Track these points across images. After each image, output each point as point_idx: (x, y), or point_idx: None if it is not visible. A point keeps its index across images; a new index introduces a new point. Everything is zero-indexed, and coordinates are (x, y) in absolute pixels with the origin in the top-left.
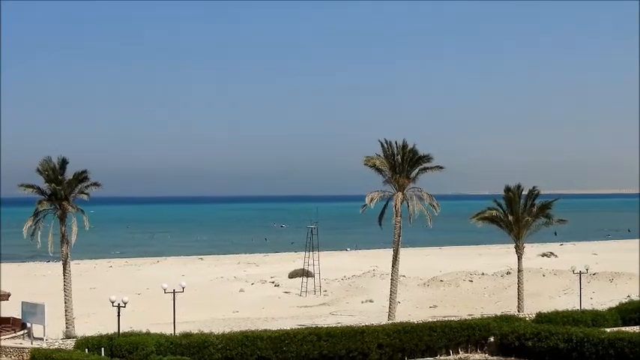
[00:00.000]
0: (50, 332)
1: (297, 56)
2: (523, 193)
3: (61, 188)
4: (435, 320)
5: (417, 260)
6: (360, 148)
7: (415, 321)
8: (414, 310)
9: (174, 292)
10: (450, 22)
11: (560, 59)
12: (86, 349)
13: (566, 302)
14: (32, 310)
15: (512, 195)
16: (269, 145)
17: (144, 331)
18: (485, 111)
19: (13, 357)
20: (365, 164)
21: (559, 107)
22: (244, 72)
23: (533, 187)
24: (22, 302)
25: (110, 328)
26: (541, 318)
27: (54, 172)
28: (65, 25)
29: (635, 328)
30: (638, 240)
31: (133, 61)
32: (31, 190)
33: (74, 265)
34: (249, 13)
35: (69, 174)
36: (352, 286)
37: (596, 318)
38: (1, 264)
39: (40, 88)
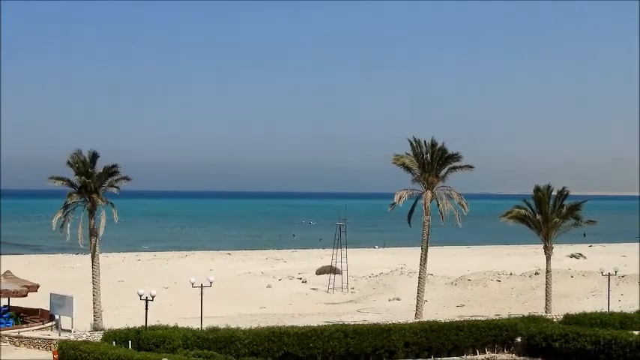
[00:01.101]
0: (78, 324)
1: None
2: (552, 193)
3: (91, 181)
4: (462, 319)
5: (445, 259)
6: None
7: (442, 320)
8: (441, 309)
9: (201, 286)
10: (476, 21)
11: (595, 59)
12: (113, 342)
13: (594, 304)
14: (60, 301)
15: (541, 195)
16: (300, 142)
17: (171, 324)
18: (515, 110)
19: (41, 348)
20: (394, 163)
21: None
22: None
23: (563, 188)
24: (51, 294)
25: (137, 322)
26: (569, 319)
27: (84, 165)
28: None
29: None
30: None
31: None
32: (61, 182)
33: (103, 258)
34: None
35: (99, 167)
36: (379, 284)
37: (624, 320)
38: (27, 255)
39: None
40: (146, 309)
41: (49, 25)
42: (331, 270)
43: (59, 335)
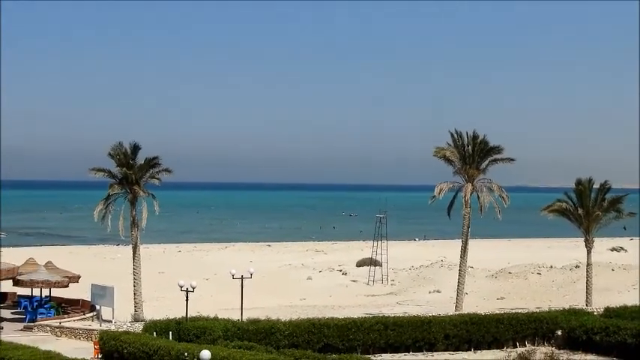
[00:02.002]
0: (119, 315)
1: (369, 40)
2: (594, 186)
3: (132, 173)
4: (502, 312)
5: (485, 252)
6: (431, 137)
7: (482, 312)
8: (481, 302)
9: (242, 278)
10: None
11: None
12: (154, 333)
13: (635, 297)
14: (101, 292)
15: (582, 188)
16: (344, 135)
17: (211, 316)
18: (557, 103)
19: (82, 338)
20: (435, 155)
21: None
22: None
23: (605, 181)
24: (92, 284)
25: (178, 313)
26: (609, 313)
27: (125, 156)
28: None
29: None
30: None
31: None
32: (103, 174)
33: (143, 249)
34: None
35: (140, 159)
36: (420, 276)
37: None
38: (68, 246)
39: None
40: (187, 300)
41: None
42: (371, 262)
43: (100, 326)
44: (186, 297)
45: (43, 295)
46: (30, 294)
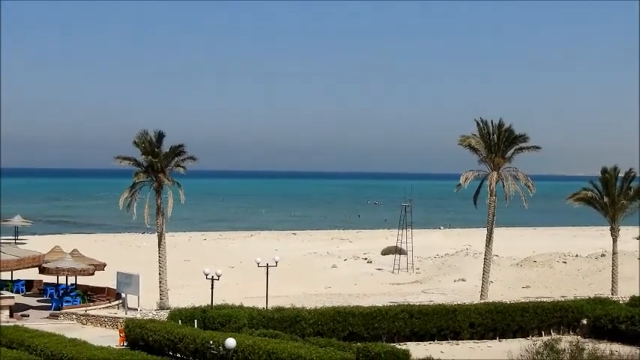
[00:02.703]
0: (144, 303)
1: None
2: (619, 175)
3: (157, 161)
4: (527, 301)
5: (510, 240)
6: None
7: (508, 301)
8: (506, 291)
9: (267, 266)
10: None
11: None
12: (179, 321)
13: None
14: (127, 280)
15: (608, 177)
16: (368, 120)
17: (237, 304)
18: (582, 91)
19: (107, 326)
20: (460, 144)
21: None
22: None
23: (630, 169)
24: (117, 272)
25: (203, 301)
26: (635, 301)
27: (150, 144)
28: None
29: None
30: None
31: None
32: (128, 162)
33: (169, 237)
34: None
35: (165, 147)
36: (445, 265)
37: None
38: (94, 234)
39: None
40: (212, 288)
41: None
42: (396, 250)
43: (125, 313)
44: (212, 285)
45: (69, 283)
46: (56, 282)
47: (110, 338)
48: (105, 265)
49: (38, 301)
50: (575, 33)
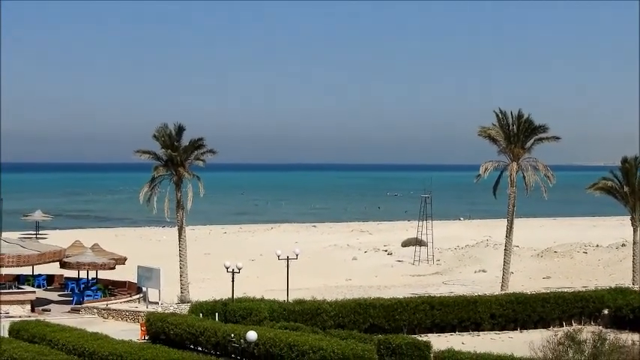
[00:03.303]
0: (165, 297)
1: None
2: None
3: (177, 154)
4: (548, 291)
5: (530, 231)
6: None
7: (528, 292)
8: (527, 281)
9: (287, 258)
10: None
11: None
12: (200, 314)
13: None
14: (148, 274)
15: (628, 166)
16: (383, 112)
17: (257, 297)
18: (602, 80)
19: (128, 320)
20: (479, 134)
21: None
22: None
23: None
24: (138, 266)
25: (224, 294)
26: None
27: (170, 138)
28: None
29: None
30: None
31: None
32: (147, 156)
33: (189, 231)
34: None
35: (185, 140)
36: (465, 256)
37: None
38: (114, 228)
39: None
40: (232, 281)
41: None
42: (417, 242)
43: (146, 307)
44: (232, 278)
45: (90, 278)
46: (77, 276)
47: (131, 332)
48: (125, 259)
49: (59, 295)
50: (590, 17)
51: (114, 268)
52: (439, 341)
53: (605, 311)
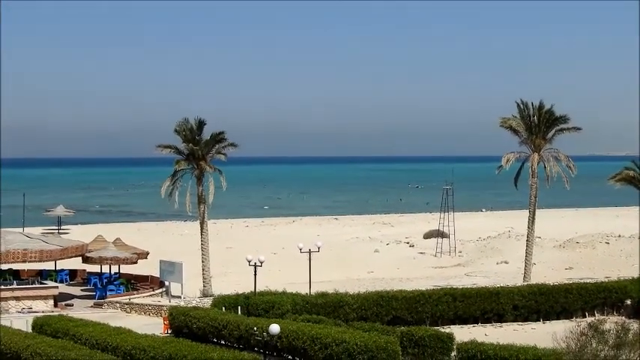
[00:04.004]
0: (187, 291)
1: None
2: None
3: (198, 148)
4: (570, 282)
5: (552, 222)
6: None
7: (551, 283)
8: (549, 272)
9: (309, 251)
10: None
11: None
12: (223, 308)
13: None
14: (170, 268)
15: None
16: (407, 105)
17: (280, 290)
18: (625, 70)
19: (151, 314)
20: (501, 125)
21: None
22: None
23: None
24: (160, 261)
25: (246, 287)
26: None
27: (191, 132)
28: None
29: None
30: None
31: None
32: (169, 150)
33: (211, 225)
34: None
35: (206, 134)
36: (487, 247)
37: None
38: (136, 223)
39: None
40: (255, 275)
41: None
42: (439, 234)
43: (169, 301)
44: (255, 272)
45: (113, 272)
46: (99, 271)
47: (154, 326)
48: (148, 253)
49: (82, 290)
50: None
51: (136, 262)
52: (462, 333)
53: (628, 301)
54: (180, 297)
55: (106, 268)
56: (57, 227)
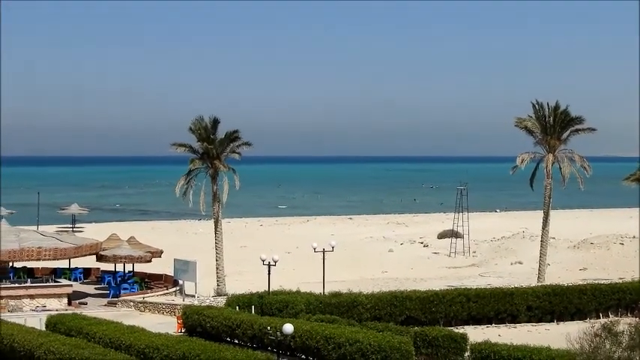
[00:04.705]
0: (201, 289)
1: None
2: None
3: (212, 147)
4: (585, 283)
5: (566, 222)
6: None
7: (565, 283)
8: (563, 273)
9: (323, 251)
10: None
11: None
12: (237, 307)
13: None
14: (184, 267)
15: None
16: (418, 106)
17: (293, 289)
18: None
19: (165, 313)
20: (516, 125)
21: None
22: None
23: None
24: (175, 259)
25: (260, 287)
26: None
27: (206, 131)
28: None
29: None
30: None
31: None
32: (183, 149)
33: (225, 224)
34: None
35: (220, 133)
36: (501, 248)
37: None
38: (150, 221)
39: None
40: (269, 274)
41: None
42: (453, 234)
43: (183, 300)
44: (269, 271)
45: (127, 271)
46: (113, 269)
47: (168, 325)
48: (162, 252)
49: (96, 288)
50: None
51: (150, 261)
52: (475, 333)
53: None
54: (194, 296)
55: (120, 267)
56: (71, 225)
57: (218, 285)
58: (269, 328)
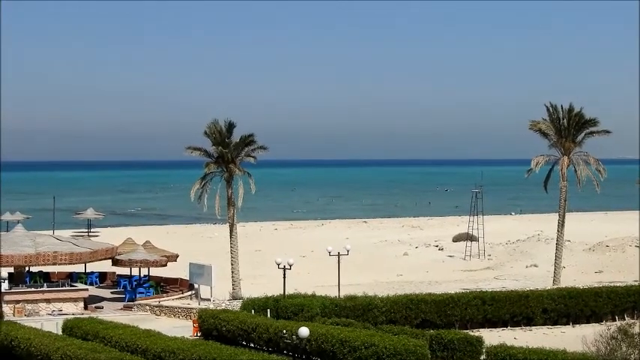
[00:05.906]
0: (217, 293)
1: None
2: None
3: (227, 151)
4: (600, 286)
5: (581, 225)
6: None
7: (580, 286)
8: (579, 275)
9: (338, 254)
10: None
11: None
12: (252, 310)
13: None
14: (199, 271)
15: None
16: (435, 110)
17: (309, 293)
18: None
19: (180, 317)
20: (530, 128)
21: None
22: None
23: None
24: (190, 263)
25: (275, 290)
26: None
27: (221, 134)
28: None
29: None
30: None
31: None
32: (198, 152)
33: (240, 228)
34: None
35: (235, 137)
36: (517, 251)
37: None
38: (166, 225)
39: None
40: (284, 277)
41: None
42: (468, 237)
43: (199, 304)
44: (284, 274)
45: (142, 275)
46: (129, 273)
47: (184, 329)
48: (177, 256)
49: (112, 292)
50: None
51: (166, 265)
52: (491, 336)
53: None
54: (209, 300)
55: (135, 271)
56: (87, 230)
57: (233, 289)
58: (284, 331)
